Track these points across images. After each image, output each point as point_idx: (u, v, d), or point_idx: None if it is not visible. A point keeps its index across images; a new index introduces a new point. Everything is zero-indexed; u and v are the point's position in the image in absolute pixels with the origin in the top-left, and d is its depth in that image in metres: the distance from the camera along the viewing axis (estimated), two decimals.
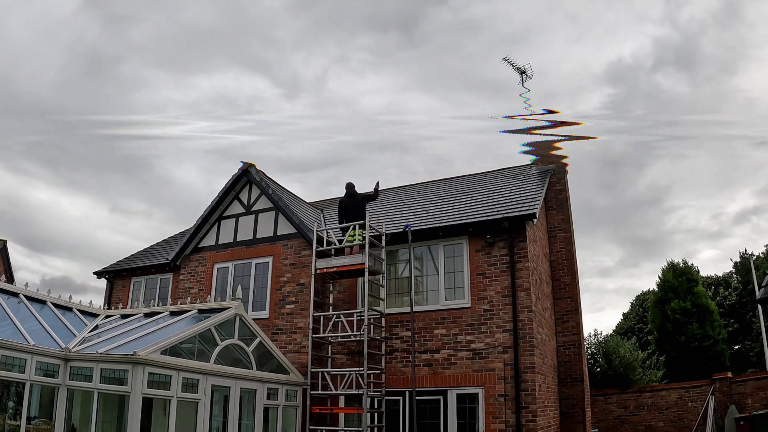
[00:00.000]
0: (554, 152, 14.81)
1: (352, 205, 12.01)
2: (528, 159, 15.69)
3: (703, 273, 27.50)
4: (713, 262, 61.51)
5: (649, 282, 70.47)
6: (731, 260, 34.60)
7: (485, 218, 11.20)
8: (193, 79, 73.27)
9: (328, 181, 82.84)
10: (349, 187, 12.32)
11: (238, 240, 13.66)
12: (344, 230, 11.84)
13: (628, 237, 68.29)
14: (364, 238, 11.25)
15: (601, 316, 64.17)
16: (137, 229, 68.89)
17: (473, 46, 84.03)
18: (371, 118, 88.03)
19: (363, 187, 12.56)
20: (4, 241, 28.04)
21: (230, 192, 14.00)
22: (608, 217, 67.94)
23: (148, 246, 18.04)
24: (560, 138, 14.91)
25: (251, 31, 73.42)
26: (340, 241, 11.68)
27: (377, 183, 12.34)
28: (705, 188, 74.40)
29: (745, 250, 38.43)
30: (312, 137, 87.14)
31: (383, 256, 11.92)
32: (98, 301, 15.05)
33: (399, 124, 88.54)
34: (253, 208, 13.77)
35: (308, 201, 16.54)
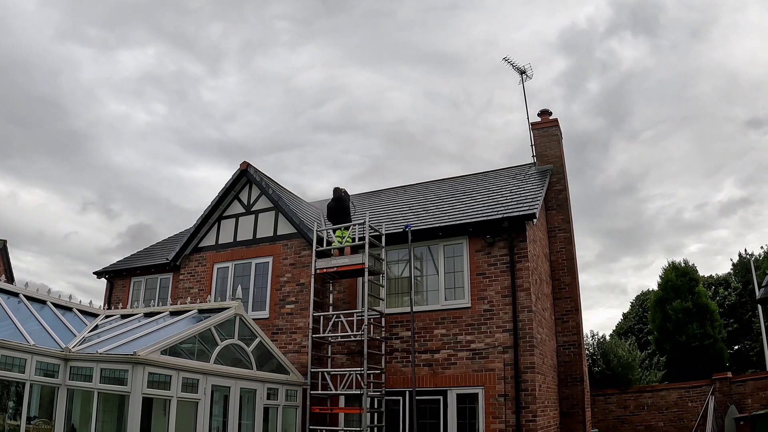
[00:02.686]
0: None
1: (338, 208, 12.32)
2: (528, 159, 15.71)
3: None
4: (701, 256, 58.77)
5: (634, 279, 67.32)
6: (731, 260, 34.61)
7: (485, 218, 11.20)
8: (115, 55, 67.34)
9: (278, 167, 76.41)
10: (336, 191, 12.60)
11: (238, 240, 13.66)
12: (334, 231, 12.10)
13: (603, 229, 64.54)
14: (352, 240, 11.54)
15: (590, 314, 61.43)
16: (96, 220, 65.35)
17: (405, 12, 75.25)
18: (313, 96, 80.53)
19: (328, 179, 12.85)
20: (4, 241, 28.07)
21: (230, 192, 14.01)
22: (579, 207, 64.15)
23: (148, 246, 18.05)
24: None
25: (166, 1, 68.34)
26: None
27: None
28: (686, 176, 69.69)
29: (745, 250, 38.49)
30: (251, 117, 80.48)
31: (383, 256, 11.93)
32: (97, 302, 15.05)
33: (345, 101, 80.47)
34: (253, 208, 13.77)
35: (308, 202, 16.53)
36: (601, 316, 59.05)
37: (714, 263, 60.02)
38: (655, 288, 27.28)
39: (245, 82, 79.87)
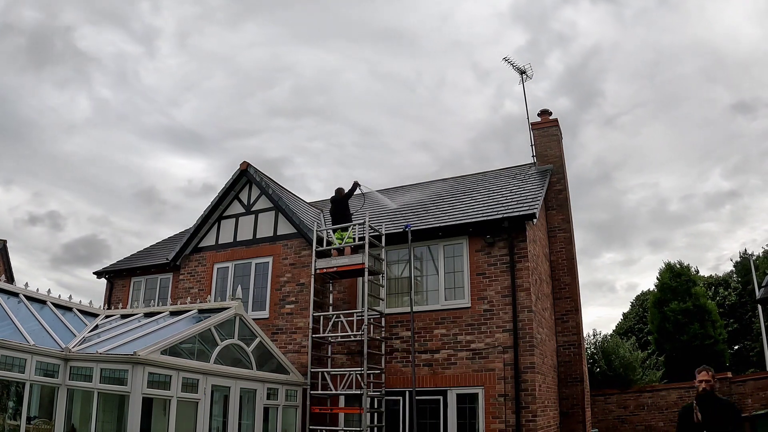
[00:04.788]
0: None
1: (336, 209, 12.36)
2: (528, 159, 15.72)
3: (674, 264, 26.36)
4: (687, 251, 56.05)
5: (623, 276, 64.25)
6: (731, 260, 34.56)
7: (485, 218, 11.20)
8: (52, 37, 63.14)
9: (239, 155, 71.92)
10: (336, 192, 12.63)
11: (238, 240, 13.66)
12: (333, 231, 12.13)
13: (581, 222, 61.23)
14: (353, 239, 11.53)
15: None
16: (59, 213, 61.84)
17: None
18: (260, 78, 75.10)
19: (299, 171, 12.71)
20: (4, 241, 28.04)
21: (230, 192, 14.01)
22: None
23: (148, 246, 18.05)
24: None
25: None
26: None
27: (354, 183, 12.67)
28: (668, 165, 66.11)
29: (745, 249, 38.48)
30: (197, 102, 75.14)
31: (383, 256, 11.93)
32: (97, 301, 15.04)
33: (295, 83, 75.30)
34: (253, 208, 13.77)
35: (308, 202, 16.54)
36: (590, 315, 56.90)
37: (704, 259, 57.97)
38: (648, 287, 27.27)
39: (186, 64, 74.15)
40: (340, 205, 12.38)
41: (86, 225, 63.44)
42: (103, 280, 16.11)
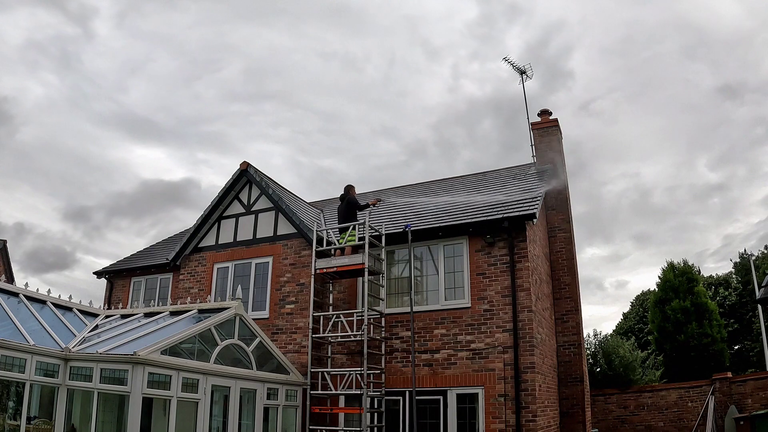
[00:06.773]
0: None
1: (340, 209, 12.39)
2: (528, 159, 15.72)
3: (669, 262, 26.16)
4: (675, 246, 53.75)
5: (606, 272, 62.17)
6: (731, 260, 34.57)
7: (485, 218, 11.19)
8: None
9: (196, 143, 67.01)
10: (345, 190, 12.62)
11: (238, 240, 13.66)
12: (341, 231, 12.07)
13: None
14: (354, 239, 11.50)
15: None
16: (39, 207, 60.07)
17: None
18: (207, 60, 70.53)
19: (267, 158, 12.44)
20: (4, 241, 28.07)
21: (230, 192, 14.01)
22: None
23: (148, 246, 18.07)
24: None
25: None
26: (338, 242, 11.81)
27: (376, 201, 13.02)
28: (650, 154, 63.27)
29: (745, 250, 38.49)
30: (145, 86, 70.98)
31: (383, 256, 11.93)
32: (97, 302, 15.04)
33: (246, 65, 71.48)
34: (253, 208, 13.77)
35: (308, 201, 16.54)
36: (582, 313, 56.36)
37: (691, 253, 56.38)
38: (640, 284, 27.27)
39: (129, 46, 69.10)
40: (346, 204, 12.34)
41: (54, 224, 61.13)
42: (92, 278, 16.21)
